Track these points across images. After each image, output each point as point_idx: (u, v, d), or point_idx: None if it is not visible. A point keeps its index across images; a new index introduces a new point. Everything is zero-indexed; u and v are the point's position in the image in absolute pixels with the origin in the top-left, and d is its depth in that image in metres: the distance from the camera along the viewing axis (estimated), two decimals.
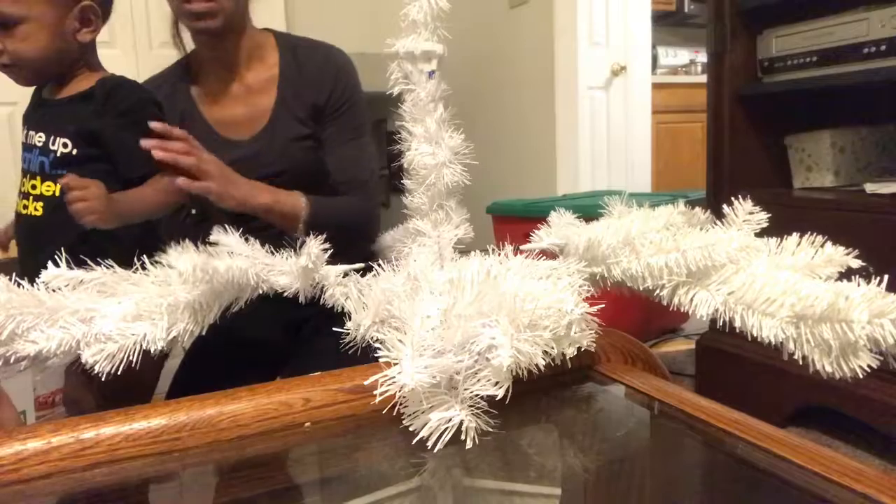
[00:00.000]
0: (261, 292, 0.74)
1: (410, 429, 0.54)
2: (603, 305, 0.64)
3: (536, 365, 0.55)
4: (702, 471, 0.59)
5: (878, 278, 0.52)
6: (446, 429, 0.52)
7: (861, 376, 0.50)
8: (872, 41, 1.31)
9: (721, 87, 1.55)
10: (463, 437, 0.52)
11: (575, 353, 0.60)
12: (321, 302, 0.78)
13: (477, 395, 0.54)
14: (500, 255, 0.68)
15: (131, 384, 1.06)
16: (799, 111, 1.55)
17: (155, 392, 1.28)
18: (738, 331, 0.58)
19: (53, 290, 0.68)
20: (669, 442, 0.61)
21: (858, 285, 0.52)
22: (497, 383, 0.54)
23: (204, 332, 0.70)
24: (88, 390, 1.14)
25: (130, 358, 0.63)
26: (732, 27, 1.52)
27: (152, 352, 0.65)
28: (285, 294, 0.74)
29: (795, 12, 1.45)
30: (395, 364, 0.54)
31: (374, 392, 0.55)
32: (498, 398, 0.53)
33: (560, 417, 0.65)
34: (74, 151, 1.05)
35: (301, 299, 0.75)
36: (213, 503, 0.54)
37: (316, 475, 0.58)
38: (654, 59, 3.79)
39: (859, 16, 1.33)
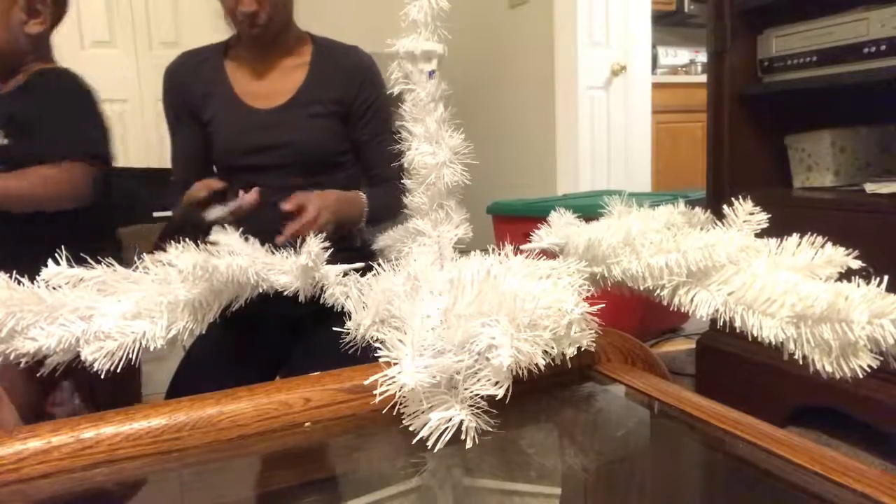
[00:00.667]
0: (260, 291, 0.74)
1: (410, 428, 0.54)
2: (603, 305, 0.64)
3: (536, 365, 0.55)
4: (702, 471, 0.59)
5: (879, 278, 0.52)
6: (446, 429, 0.52)
7: (861, 376, 0.50)
8: (872, 41, 1.31)
9: (721, 87, 1.55)
10: (463, 437, 0.52)
11: (575, 352, 0.60)
12: (320, 301, 0.78)
13: (477, 395, 0.54)
14: (500, 254, 0.68)
15: (118, 395, 1.07)
16: (799, 111, 1.55)
17: (154, 393, 1.28)
18: (738, 331, 0.57)
19: (53, 288, 0.68)
20: (669, 442, 0.61)
21: (858, 286, 0.52)
22: (497, 383, 0.54)
23: (204, 331, 0.70)
24: (20, 385, 1.13)
25: (130, 356, 0.63)
26: (732, 27, 1.52)
27: (151, 349, 0.65)
28: (285, 293, 0.74)
29: (795, 12, 1.45)
30: (395, 364, 0.54)
31: (375, 392, 0.55)
32: (498, 398, 0.53)
33: (560, 417, 0.64)
34: (7, 142, 1.05)
35: (301, 298, 0.75)
36: (212, 503, 0.54)
37: (316, 475, 0.58)
38: (654, 58, 3.79)
39: (859, 16, 1.33)
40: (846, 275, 0.57)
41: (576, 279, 0.62)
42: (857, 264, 0.58)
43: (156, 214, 1.33)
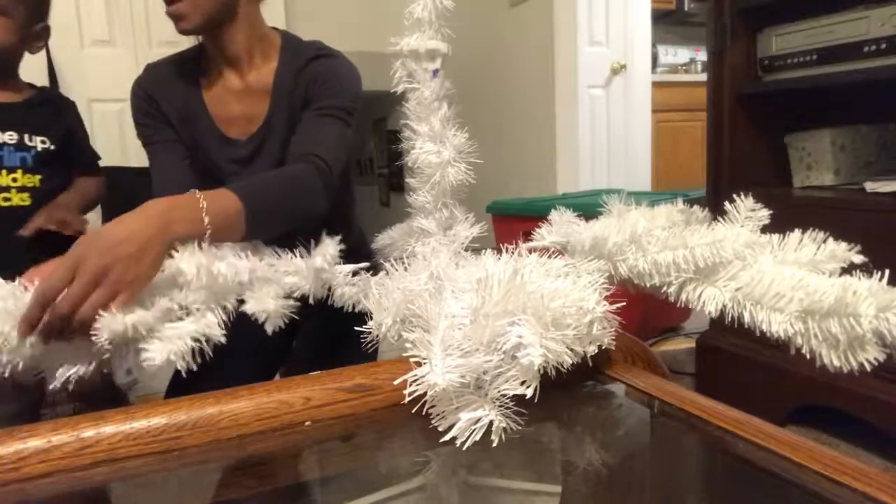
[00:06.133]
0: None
1: (440, 429, 0.53)
2: (624, 303, 0.63)
3: (561, 364, 0.55)
4: (702, 470, 0.59)
5: (880, 275, 0.52)
6: (475, 429, 0.52)
7: (868, 369, 0.50)
8: (872, 39, 1.31)
9: (721, 86, 1.55)
10: (493, 437, 0.52)
11: (596, 351, 0.60)
12: (327, 301, 0.78)
13: (504, 395, 0.54)
14: (513, 254, 0.68)
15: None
16: (799, 110, 1.55)
17: (153, 393, 1.29)
18: (746, 326, 0.58)
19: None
20: (669, 441, 0.61)
21: (860, 280, 0.53)
22: (524, 382, 0.54)
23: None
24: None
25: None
26: (732, 26, 1.52)
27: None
28: (293, 294, 0.74)
29: (795, 11, 1.45)
30: (423, 363, 0.54)
31: (404, 391, 0.55)
32: (527, 397, 0.53)
33: (560, 416, 0.64)
34: (53, 147, 1.24)
35: (311, 300, 0.75)
36: (212, 502, 0.54)
37: (316, 474, 0.58)
38: (654, 57, 3.79)
39: (859, 14, 1.33)
40: (847, 272, 0.57)
41: (596, 277, 0.62)
42: (859, 259, 0.58)
43: None
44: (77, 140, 1.31)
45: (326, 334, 1.11)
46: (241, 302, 0.73)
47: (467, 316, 0.57)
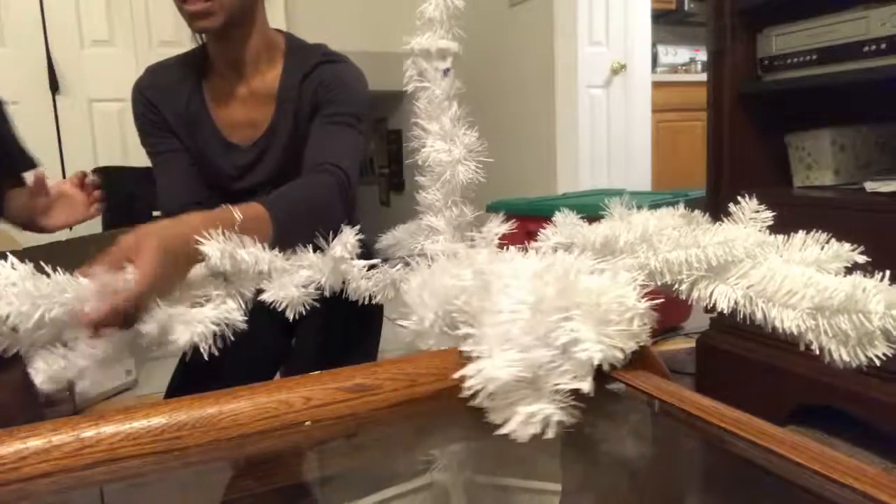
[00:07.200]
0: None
1: (497, 422, 0.53)
2: (662, 300, 0.64)
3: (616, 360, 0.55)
4: (702, 470, 0.59)
5: (881, 275, 0.53)
6: (532, 423, 0.52)
7: (878, 364, 0.51)
8: (872, 39, 1.31)
9: (721, 86, 1.55)
10: (549, 432, 0.52)
11: (635, 347, 0.60)
12: (327, 300, 0.78)
13: (559, 390, 0.54)
14: (539, 252, 0.68)
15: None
16: (799, 109, 1.55)
17: (153, 393, 1.28)
18: (757, 323, 0.58)
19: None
20: (669, 441, 0.61)
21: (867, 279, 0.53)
22: (576, 377, 0.54)
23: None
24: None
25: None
26: (732, 25, 1.52)
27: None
28: (311, 287, 0.74)
29: (795, 11, 1.45)
30: (476, 358, 0.54)
31: (463, 385, 0.54)
32: (585, 391, 0.53)
33: None
34: None
35: (327, 293, 0.75)
36: (212, 502, 0.54)
37: (316, 474, 0.58)
38: (654, 57, 3.79)
39: (859, 14, 1.33)
40: (849, 272, 0.58)
41: (636, 274, 0.63)
42: (862, 259, 0.59)
43: (155, 214, 1.33)
44: (5, 145, 1.09)
45: (326, 334, 1.11)
46: (259, 292, 0.74)
47: (520, 311, 0.57)
